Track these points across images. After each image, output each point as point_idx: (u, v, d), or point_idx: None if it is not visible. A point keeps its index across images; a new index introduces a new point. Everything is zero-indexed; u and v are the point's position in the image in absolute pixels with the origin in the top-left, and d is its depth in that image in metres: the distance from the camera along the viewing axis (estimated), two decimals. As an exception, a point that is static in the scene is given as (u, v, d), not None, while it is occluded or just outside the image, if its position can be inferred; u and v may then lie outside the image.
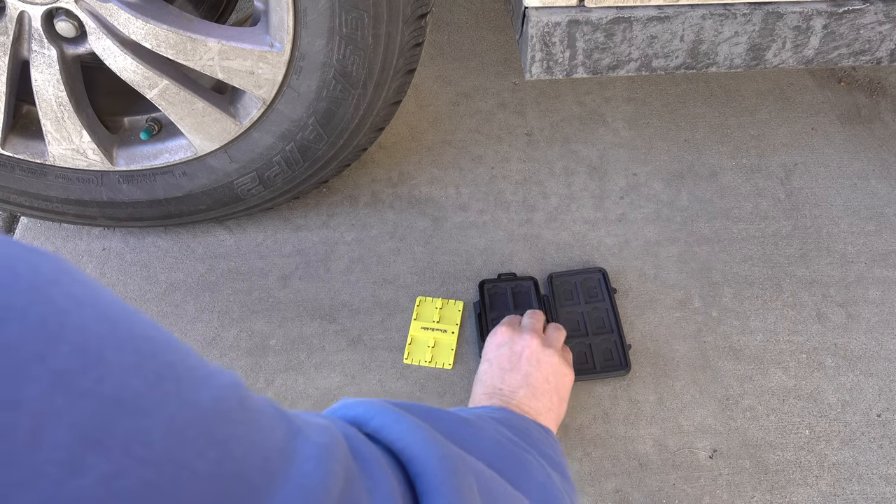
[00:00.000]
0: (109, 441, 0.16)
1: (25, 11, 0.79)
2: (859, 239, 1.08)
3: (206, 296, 1.05)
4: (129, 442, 0.17)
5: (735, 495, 0.87)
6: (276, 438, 0.23)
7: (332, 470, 0.25)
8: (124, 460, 0.16)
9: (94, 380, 0.16)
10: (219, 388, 0.21)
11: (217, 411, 0.20)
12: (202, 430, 0.19)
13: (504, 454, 0.42)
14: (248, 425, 0.22)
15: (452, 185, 1.16)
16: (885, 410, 0.93)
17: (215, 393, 0.21)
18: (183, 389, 0.19)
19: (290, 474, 0.23)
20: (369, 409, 0.35)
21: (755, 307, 1.02)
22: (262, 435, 0.22)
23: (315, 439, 0.25)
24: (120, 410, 0.17)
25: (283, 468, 0.22)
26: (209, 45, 0.81)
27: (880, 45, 0.85)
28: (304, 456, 0.24)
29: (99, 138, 0.92)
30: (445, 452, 0.32)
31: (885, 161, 1.18)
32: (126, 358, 0.18)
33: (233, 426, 0.21)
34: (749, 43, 0.84)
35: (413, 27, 0.84)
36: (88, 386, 0.16)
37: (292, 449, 0.24)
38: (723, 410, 0.93)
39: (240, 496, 0.20)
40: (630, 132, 1.22)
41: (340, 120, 0.90)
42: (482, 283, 1.02)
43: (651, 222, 1.11)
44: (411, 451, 0.31)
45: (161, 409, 0.18)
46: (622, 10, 0.80)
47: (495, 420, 0.55)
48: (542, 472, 0.44)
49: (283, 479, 0.22)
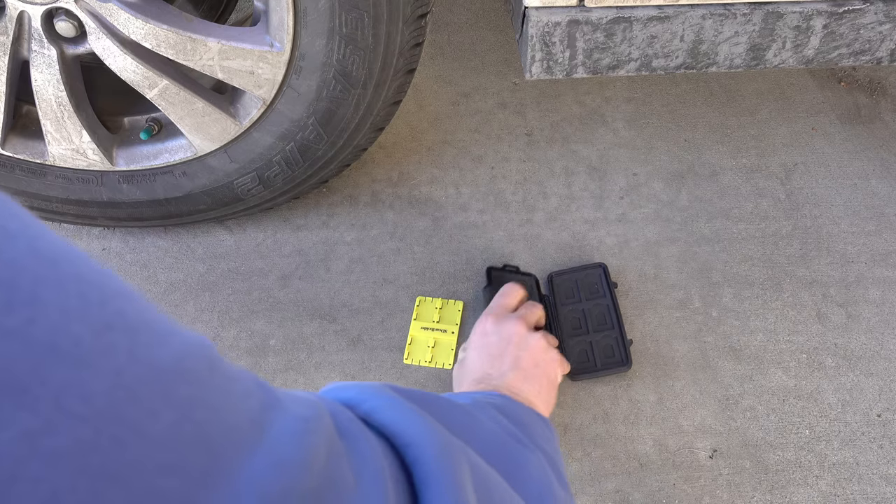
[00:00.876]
0: (38, 390, 0.14)
1: (25, 11, 0.79)
2: (859, 239, 1.08)
3: (206, 296, 1.05)
4: (62, 394, 0.14)
5: (735, 495, 0.87)
6: (248, 407, 0.21)
7: (312, 444, 0.23)
8: (55, 415, 0.14)
9: (22, 320, 0.14)
10: (182, 346, 0.19)
11: (177, 370, 0.18)
12: (157, 388, 0.17)
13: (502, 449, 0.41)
14: (215, 390, 0.19)
15: (452, 185, 1.16)
16: (886, 410, 0.93)
17: (177, 350, 0.19)
18: (136, 343, 0.17)
19: (263, 446, 0.20)
20: (362, 391, 0.33)
21: (755, 307, 1.02)
22: (231, 401, 0.20)
23: (295, 412, 0.23)
24: (53, 358, 0.15)
25: (254, 438, 0.20)
26: (209, 45, 0.81)
27: (880, 45, 0.85)
28: (280, 428, 0.22)
29: (99, 138, 0.92)
30: (445, 441, 0.30)
31: (885, 161, 1.17)
32: (67, 301, 0.16)
33: (195, 388, 0.19)
34: (749, 43, 0.84)
35: (413, 27, 0.84)
36: (14, 326, 0.14)
37: (268, 420, 0.21)
38: (723, 410, 0.93)
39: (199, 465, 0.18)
40: (630, 132, 1.22)
41: (340, 120, 0.90)
42: (489, 268, 1.03)
43: (651, 222, 1.11)
44: (408, 436, 0.30)
45: (106, 360, 0.16)
46: (622, 10, 0.80)
47: (493, 406, 0.53)
48: (540, 471, 0.43)
49: (254, 450, 0.20)
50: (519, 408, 0.60)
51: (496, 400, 0.59)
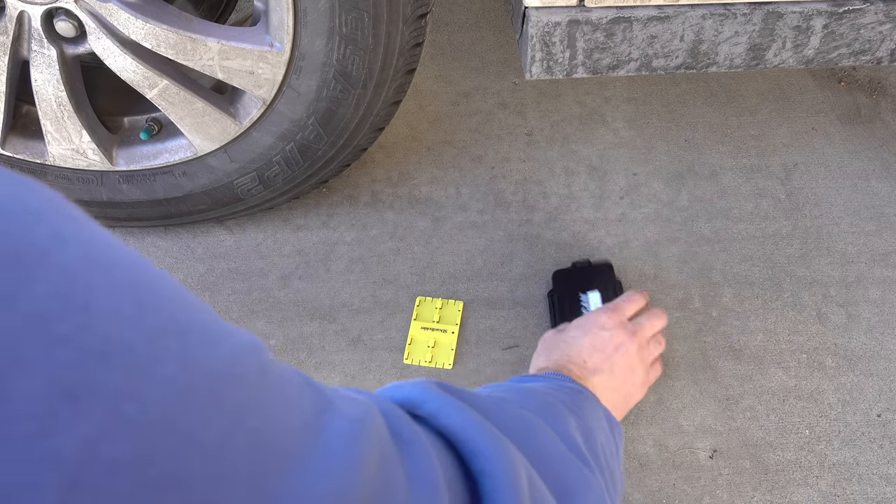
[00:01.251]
0: (91, 399, 0.14)
1: (25, 11, 0.79)
2: (860, 239, 1.08)
3: (206, 296, 1.05)
4: (117, 402, 0.14)
5: (735, 495, 0.87)
6: (301, 411, 0.20)
7: (365, 448, 0.22)
8: (111, 422, 0.14)
9: (75, 327, 0.14)
10: (234, 349, 0.19)
11: (230, 375, 0.18)
12: (210, 395, 0.17)
13: (561, 465, 0.38)
14: (268, 394, 0.19)
15: (452, 185, 1.16)
16: (886, 410, 0.93)
17: (229, 354, 0.18)
18: (189, 347, 0.17)
19: (315, 452, 0.20)
20: (423, 391, 0.32)
21: (755, 307, 1.02)
22: (284, 406, 0.20)
23: (347, 413, 0.23)
24: (107, 365, 0.14)
25: (307, 445, 0.20)
26: (209, 45, 0.81)
27: (881, 45, 0.85)
28: (332, 433, 0.21)
29: (99, 138, 0.92)
30: (513, 457, 0.29)
31: (885, 161, 1.17)
32: (120, 307, 0.15)
33: (248, 393, 0.18)
34: (749, 43, 0.84)
35: (413, 27, 0.84)
36: (67, 333, 0.14)
37: (320, 424, 0.21)
38: (723, 410, 0.93)
39: (252, 475, 0.17)
40: (630, 132, 1.22)
41: (340, 120, 0.90)
42: (556, 272, 1.01)
43: (651, 222, 1.11)
44: (476, 446, 0.29)
45: (160, 367, 0.16)
46: (622, 10, 0.80)
47: (565, 404, 0.49)
48: (598, 487, 0.40)
49: (306, 458, 0.19)
50: (592, 407, 0.56)
51: (574, 394, 0.56)
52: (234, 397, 0.18)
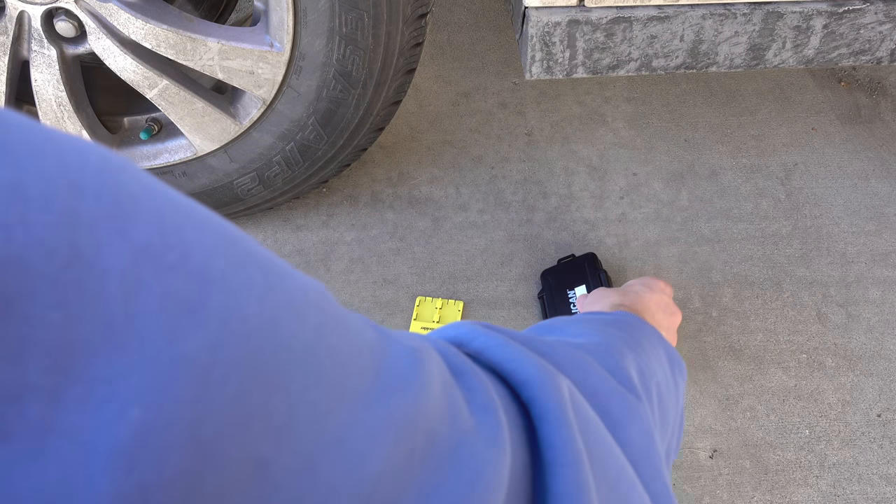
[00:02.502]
0: (203, 313, 0.16)
1: (25, 11, 0.79)
2: (859, 239, 1.08)
3: (206, 296, 1.05)
4: (224, 315, 0.16)
5: (735, 495, 0.87)
6: (367, 337, 0.22)
7: (427, 371, 0.23)
8: (223, 332, 0.16)
9: (178, 255, 0.16)
10: (304, 282, 0.21)
11: (306, 301, 0.20)
12: (293, 314, 0.19)
13: (609, 397, 0.39)
14: (338, 320, 0.21)
15: (452, 185, 1.16)
16: (886, 410, 0.93)
17: (302, 285, 0.20)
18: (269, 277, 0.19)
19: (385, 369, 0.22)
20: (470, 330, 0.34)
21: (755, 307, 1.02)
22: (353, 330, 0.22)
23: (406, 343, 0.24)
24: (210, 286, 0.17)
25: (378, 362, 0.22)
26: (209, 45, 0.81)
27: (880, 45, 0.85)
28: (397, 355, 0.23)
29: (99, 138, 0.92)
30: (557, 383, 0.30)
31: (885, 161, 1.17)
32: (207, 239, 0.17)
33: (323, 317, 0.20)
34: (749, 43, 0.84)
35: (413, 27, 0.84)
36: (174, 261, 0.16)
37: (383, 348, 0.23)
38: (723, 410, 0.93)
39: (337, 380, 0.19)
40: (630, 132, 1.22)
41: (340, 120, 0.90)
42: (544, 272, 1.01)
43: (651, 222, 1.11)
44: (522, 375, 0.30)
45: (249, 290, 0.18)
46: (622, 10, 0.80)
47: (625, 342, 0.49)
48: (643, 437, 0.40)
49: (380, 373, 0.21)
50: (653, 345, 0.56)
51: (637, 329, 0.56)
52: (313, 319, 0.20)
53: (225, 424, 0.15)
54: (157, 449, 0.14)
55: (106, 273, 0.15)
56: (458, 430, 0.23)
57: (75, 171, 0.15)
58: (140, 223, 0.16)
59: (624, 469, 0.34)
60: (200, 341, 0.16)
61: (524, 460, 0.27)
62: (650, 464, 0.39)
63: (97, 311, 0.14)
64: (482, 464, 0.24)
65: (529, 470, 0.28)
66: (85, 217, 0.15)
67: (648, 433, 0.40)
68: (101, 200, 0.15)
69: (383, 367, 0.22)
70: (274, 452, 0.17)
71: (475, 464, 0.23)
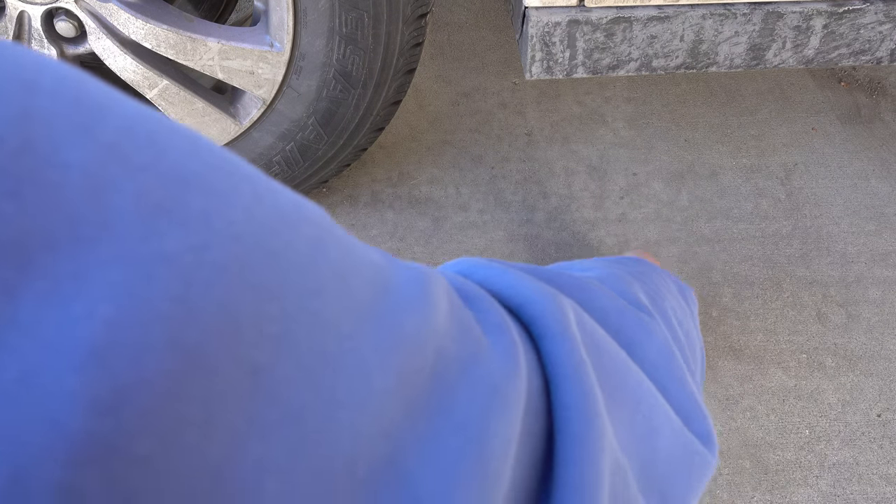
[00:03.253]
0: (183, 212, 0.15)
1: (25, 11, 0.79)
2: (859, 239, 1.08)
3: (206, 296, 1.05)
4: (206, 217, 0.15)
5: (735, 495, 0.87)
6: (372, 256, 0.21)
7: (435, 290, 0.22)
8: (207, 233, 0.15)
9: (149, 157, 0.15)
10: (299, 199, 0.19)
11: (300, 215, 0.18)
12: (286, 225, 0.17)
13: (622, 319, 0.38)
14: (338, 236, 0.20)
15: (452, 185, 1.16)
16: (886, 410, 0.93)
17: (296, 200, 0.19)
18: (257, 187, 0.17)
19: (392, 287, 0.20)
20: (472, 264, 0.33)
21: (755, 307, 1.02)
22: (355, 247, 0.20)
23: (413, 266, 0.23)
24: (188, 188, 0.15)
25: (384, 280, 0.20)
26: (209, 45, 0.81)
27: (880, 45, 0.85)
28: (403, 275, 0.22)
29: (99, 138, 0.92)
30: (559, 301, 0.30)
31: (885, 161, 1.17)
32: (182, 144, 0.16)
33: (319, 230, 0.19)
34: (749, 43, 0.84)
35: (413, 27, 0.84)
36: (144, 162, 0.15)
37: (389, 267, 0.21)
38: (723, 410, 0.93)
39: (339, 293, 0.18)
40: (630, 132, 1.22)
41: (340, 120, 0.90)
42: None
43: (651, 222, 1.11)
44: (521, 298, 0.29)
45: (234, 197, 0.16)
46: (622, 10, 0.80)
47: (631, 275, 0.49)
48: (660, 345, 0.40)
49: (387, 290, 0.20)
50: (661, 276, 0.55)
51: (641, 265, 0.55)
52: (308, 231, 0.18)
53: (212, 329, 0.14)
54: (132, 348, 0.13)
55: (66, 167, 0.13)
56: (470, 349, 0.23)
57: (30, 71, 0.14)
58: (105, 124, 0.15)
59: (641, 384, 0.33)
60: (181, 240, 0.14)
61: (539, 381, 0.27)
62: (672, 376, 0.38)
63: (57, 204, 0.13)
64: (498, 380, 0.23)
65: (545, 392, 0.27)
66: (40, 114, 0.14)
67: (665, 347, 0.39)
68: (59, 100, 0.14)
69: (390, 284, 0.20)
70: (269, 361, 0.15)
71: (490, 380, 0.22)
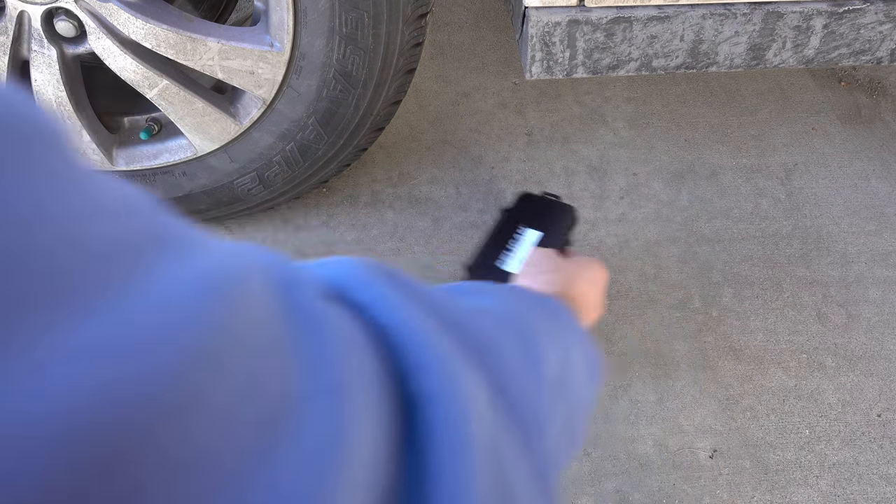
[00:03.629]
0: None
1: (25, 11, 0.79)
2: (860, 239, 1.08)
3: (206, 296, 1.05)
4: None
5: (735, 495, 0.87)
6: (143, 218, 0.16)
7: (222, 303, 0.16)
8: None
9: None
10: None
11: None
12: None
13: (537, 398, 0.31)
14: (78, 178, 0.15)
15: (452, 185, 1.16)
16: (886, 410, 0.93)
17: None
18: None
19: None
20: (359, 274, 0.26)
21: (755, 307, 1.02)
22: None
23: (210, 258, 0.17)
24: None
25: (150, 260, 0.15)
26: (209, 45, 0.81)
27: (881, 45, 0.85)
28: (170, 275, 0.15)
29: (99, 138, 0.92)
30: (470, 389, 0.23)
31: (885, 161, 1.17)
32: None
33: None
34: (749, 43, 0.84)
35: (413, 27, 0.84)
36: None
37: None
38: (723, 410, 0.93)
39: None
40: (630, 132, 1.22)
41: (340, 120, 0.90)
42: (525, 194, 0.86)
43: (651, 222, 1.11)
44: (419, 357, 0.23)
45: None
46: (622, 10, 0.80)
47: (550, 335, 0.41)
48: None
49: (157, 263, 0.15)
50: (578, 348, 0.48)
51: (568, 332, 0.47)
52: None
53: None
54: None
55: None
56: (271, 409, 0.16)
57: None
58: None
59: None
60: None
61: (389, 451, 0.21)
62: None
63: None
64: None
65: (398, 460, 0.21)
66: None
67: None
68: None
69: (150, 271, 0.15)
70: None
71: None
